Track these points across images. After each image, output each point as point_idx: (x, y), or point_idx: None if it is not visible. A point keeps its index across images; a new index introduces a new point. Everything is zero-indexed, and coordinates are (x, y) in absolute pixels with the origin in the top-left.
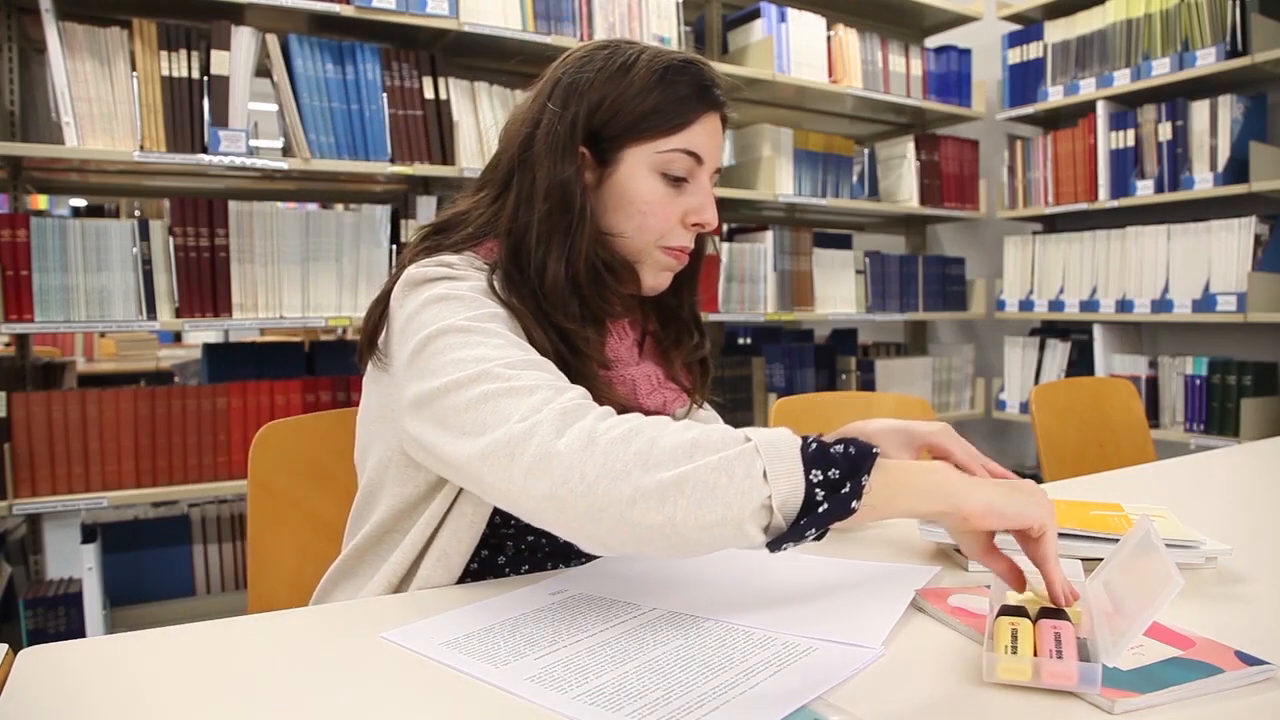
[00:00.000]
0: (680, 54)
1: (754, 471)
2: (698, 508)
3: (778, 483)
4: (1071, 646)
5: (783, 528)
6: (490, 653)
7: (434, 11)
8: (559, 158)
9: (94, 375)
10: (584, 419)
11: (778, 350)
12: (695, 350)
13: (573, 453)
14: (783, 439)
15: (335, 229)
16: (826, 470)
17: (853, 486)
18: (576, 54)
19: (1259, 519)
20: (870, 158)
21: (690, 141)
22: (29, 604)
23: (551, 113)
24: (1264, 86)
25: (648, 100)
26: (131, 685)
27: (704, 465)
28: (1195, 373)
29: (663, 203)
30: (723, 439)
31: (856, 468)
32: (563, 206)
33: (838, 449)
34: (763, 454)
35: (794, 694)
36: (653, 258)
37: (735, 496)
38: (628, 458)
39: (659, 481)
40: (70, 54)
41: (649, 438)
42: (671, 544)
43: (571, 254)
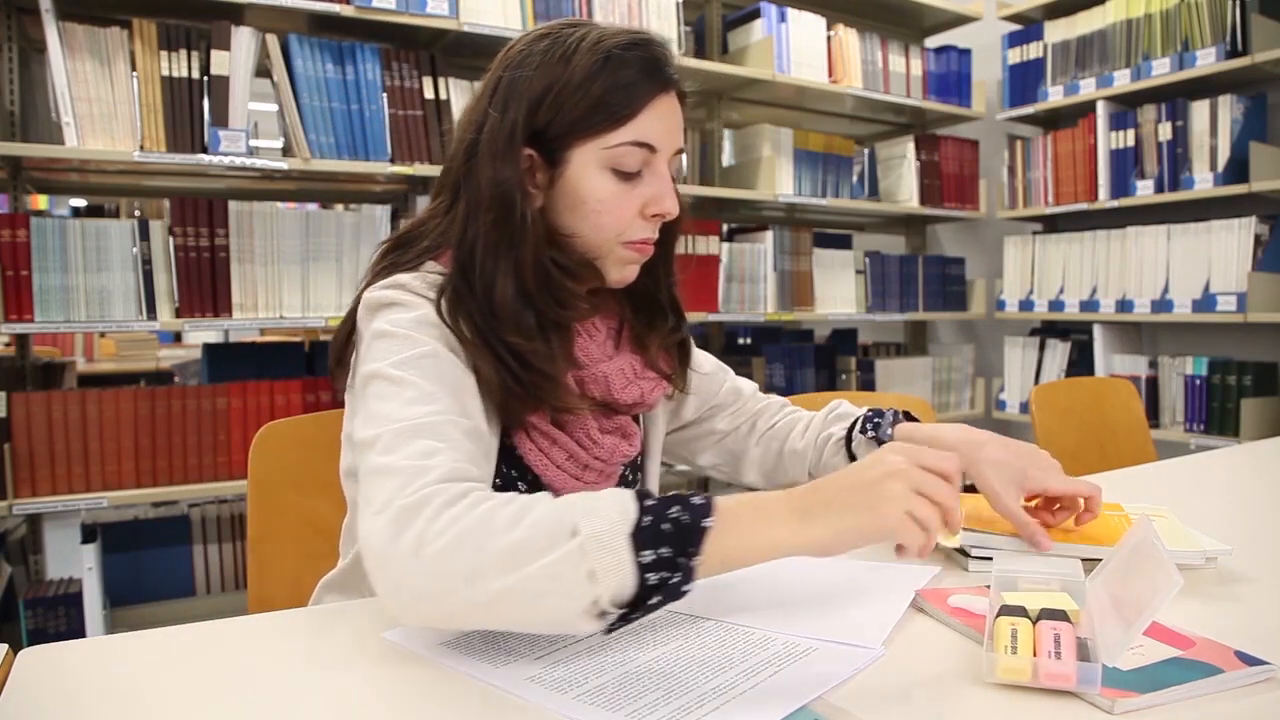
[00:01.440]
0: (626, 33)
1: (580, 574)
2: (526, 615)
3: (606, 579)
4: (1071, 646)
5: (615, 615)
6: (490, 653)
7: (434, 11)
8: (499, 165)
9: (94, 375)
10: (417, 520)
11: (778, 350)
12: (671, 334)
13: (402, 562)
14: (611, 529)
15: (335, 229)
16: (658, 548)
17: (683, 574)
18: (518, 47)
19: (1259, 519)
20: (870, 158)
21: (640, 131)
22: (29, 604)
23: (493, 117)
24: (1264, 86)
25: (590, 93)
26: (131, 685)
27: (529, 574)
28: (1195, 373)
29: (617, 199)
30: (551, 537)
31: (686, 541)
32: (504, 216)
33: (667, 524)
34: (589, 553)
35: (794, 694)
36: (614, 254)
37: (563, 601)
38: (452, 572)
39: (485, 596)
40: (70, 54)
41: (474, 545)
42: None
43: (519, 265)
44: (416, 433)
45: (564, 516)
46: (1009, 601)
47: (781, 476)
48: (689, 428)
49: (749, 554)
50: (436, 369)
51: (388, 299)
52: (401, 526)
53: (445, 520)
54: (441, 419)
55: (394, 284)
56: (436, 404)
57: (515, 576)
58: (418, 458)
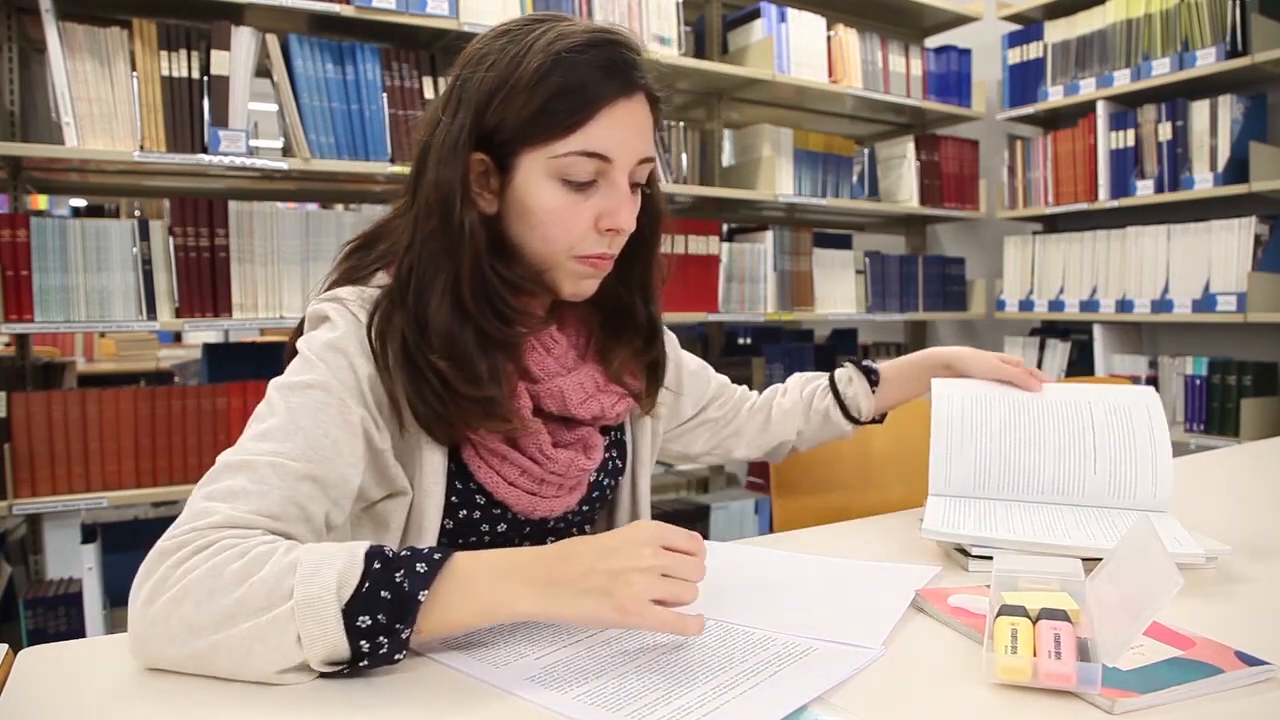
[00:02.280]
0: (586, 32)
1: (287, 639)
2: (236, 668)
3: (313, 646)
4: (1071, 646)
5: (330, 670)
6: (490, 653)
7: (434, 11)
8: (442, 168)
9: (94, 375)
10: (160, 567)
11: (778, 350)
12: (643, 351)
13: (137, 610)
14: (323, 595)
15: (335, 229)
16: (375, 614)
17: (393, 642)
18: (478, 45)
19: (1259, 519)
20: (870, 158)
21: (590, 140)
22: (29, 604)
23: (444, 118)
24: (1264, 86)
25: (536, 97)
26: (131, 685)
27: (238, 633)
28: (1195, 373)
29: (565, 211)
30: (268, 597)
31: (402, 613)
32: (443, 223)
33: (387, 591)
34: (298, 617)
35: (794, 694)
36: (565, 267)
37: (267, 662)
38: (173, 623)
39: (197, 649)
40: (70, 54)
41: (196, 599)
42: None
43: (457, 278)
44: (238, 470)
45: (285, 579)
46: (1009, 601)
47: (771, 441)
48: (687, 422)
49: (478, 620)
50: (309, 404)
51: (320, 314)
52: (149, 572)
53: (181, 570)
54: (274, 459)
55: (331, 298)
56: (286, 442)
57: (224, 634)
58: (214, 498)
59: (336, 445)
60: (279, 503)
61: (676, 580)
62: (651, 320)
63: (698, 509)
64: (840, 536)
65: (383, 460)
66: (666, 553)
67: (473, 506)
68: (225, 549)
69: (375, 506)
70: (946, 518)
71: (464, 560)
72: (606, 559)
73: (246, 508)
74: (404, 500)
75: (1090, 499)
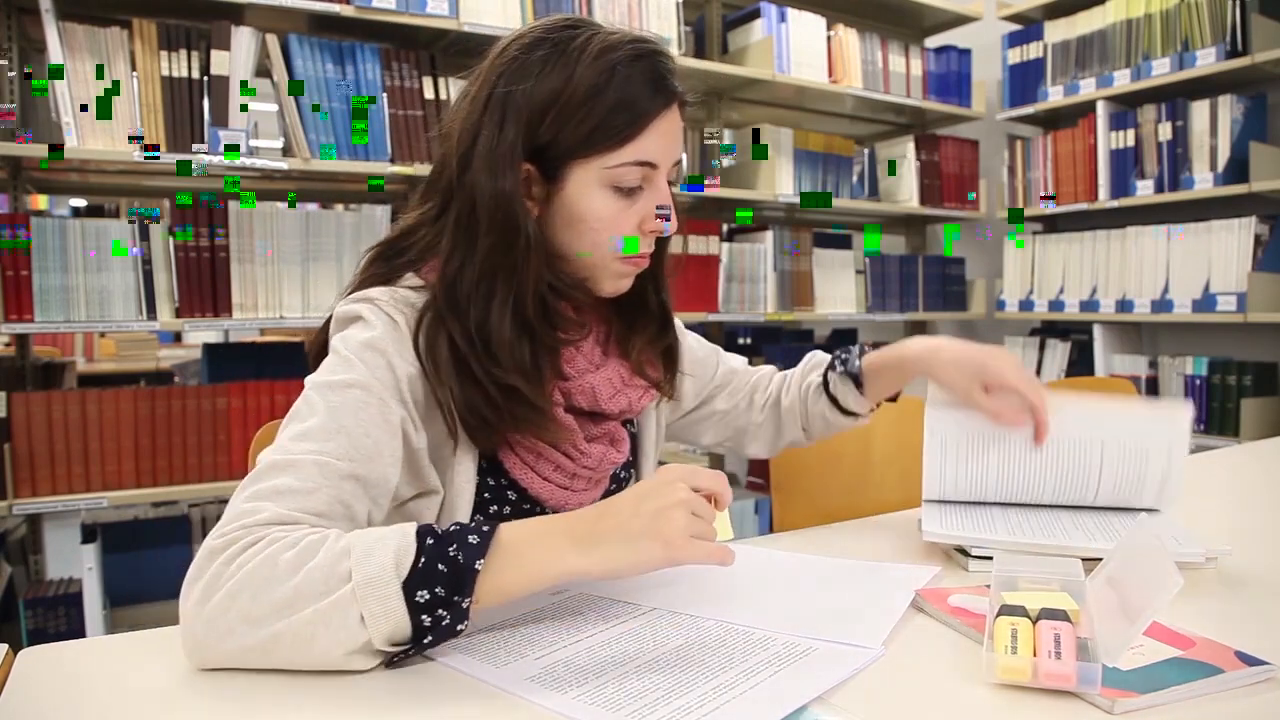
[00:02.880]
0: (629, 42)
1: (349, 620)
2: (301, 655)
3: (376, 624)
4: (1071, 646)
5: (395, 652)
6: (490, 653)
7: (434, 11)
8: (499, 180)
9: (94, 375)
10: (211, 566)
11: (778, 350)
12: (657, 339)
13: (190, 606)
14: (382, 574)
15: (335, 229)
16: (433, 588)
17: (454, 613)
18: (512, 52)
19: (1259, 519)
20: (870, 158)
21: (643, 150)
22: (29, 604)
23: (489, 128)
24: (1264, 86)
25: (594, 111)
26: (131, 685)
27: (300, 619)
28: (1195, 373)
29: (615, 216)
30: (326, 582)
31: (459, 582)
32: (508, 237)
33: (443, 564)
34: (359, 597)
35: (794, 694)
36: (610, 269)
37: (333, 645)
38: (232, 617)
39: (258, 640)
40: (70, 54)
41: (253, 591)
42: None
43: (519, 293)
44: (283, 469)
45: (340, 562)
46: (1009, 601)
47: (782, 440)
48: (691, 413)
49: (531, 584)
50: (349, 403)
51: (353, 314)
52: (200, 570)
53: (235, 566)
54: (319, 458)
55: (363, 298)
56: (329, 441)
57: (286, 621)
58: (259, 497)
59: (378, 445)
60: (325, 501)
61: (702, 519)
62: (663, 307)
63: None
64: (840, 536)
65: (417, 460)
66: (692, 494)
67: (504, 502)
68: (275, 541)
69: (406, 505)
70: (945, 520)
71: (509, 530)
72: (644, 502)
73: (292, 505)
74: (435, 499)
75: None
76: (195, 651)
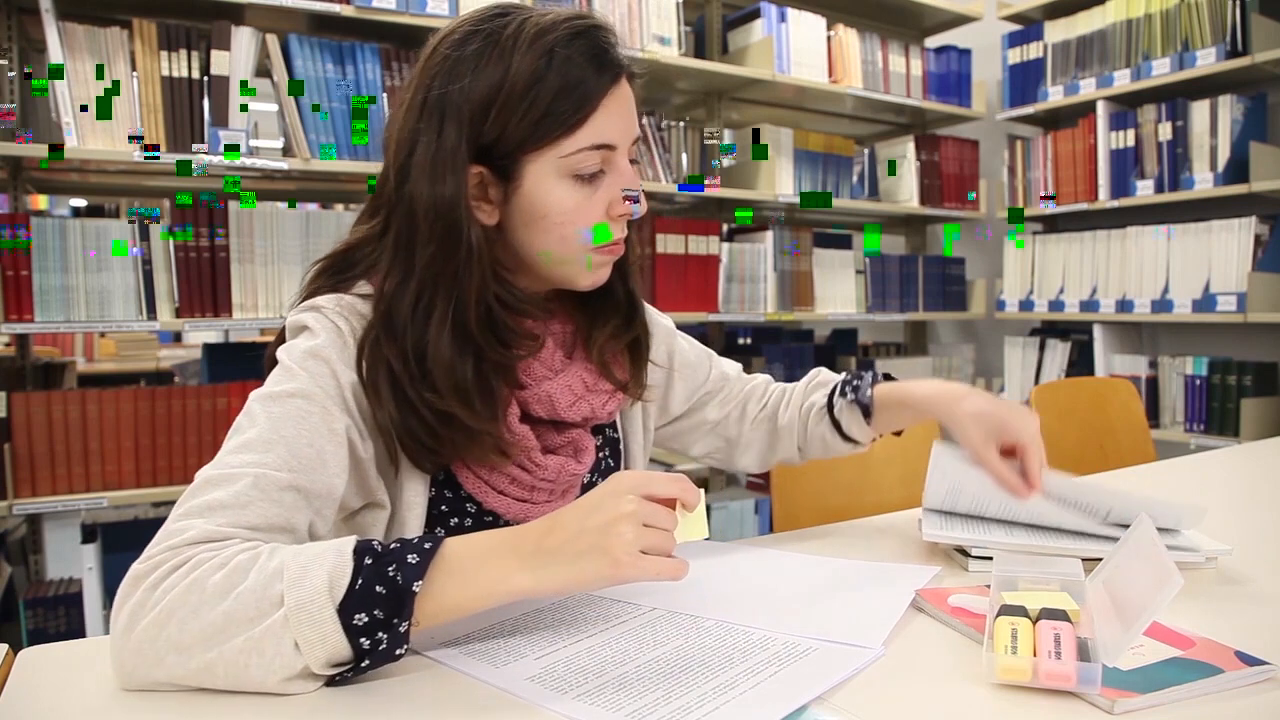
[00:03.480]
0: (565, 20)
1: (284, 647)
2: (236, 682)
3: (313, 650)
4: (1071, 647)
5: (336, 674)
6: (490, 653)
7: (434, 11)
8: (437, 187)
9: (94, 375)
10: (136, 592)
11: (778, 350)
12: (623, 330)
13: (117, 637)
14: (316, 598)
15: (335, 229)
16: (370, 611)
17: (392, 637)
18: (444, 50)
19: (1259, 519)
20: (870, 158)
21: (598, 133)
22: (29, 604)
23: (427, 136)
24: (1264, 86)
25: (539, 99)
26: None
27: (232, 648)
28: (1195, 373)
29: (580, 207)
30: (258, 607)
31: (398, 606)
32: (449, 246)
33: (381, 586)
34: (292, 624)
35: (794, 694)
36: (582, 261)
37: (268, 673)
38: (159, 646)
39: (189, 670)
40: (70, 54)
41: (180, 619)
42: None
43: (460, 305)
44: (216, 484)
45: (272, 585)
46: (1009, 601)
47: (775, 456)
48: (681, 420)
49: (476, 605)
50: (291, 412)
51: (299, 324)
52: (125, 597)
53: (160, 591)
54: (256, 470)
55: (310, 307)
56: (268, 452)
57: (218, 651)
58: (190, 514)
59: (321, 454)
60: (260, 515)
61: (657, 529)
62: (630, 296)
63: None
64: (840, 536)
65: (363, 470)
66: (646, 501)
67: (463, 515)
68: (202, 563)
69: (355, 517)
70: (945, 521)
71: (454, 545)
72: (591, 516)
73: (223, 521)
74: (382, 514)
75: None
76: (126, 679)
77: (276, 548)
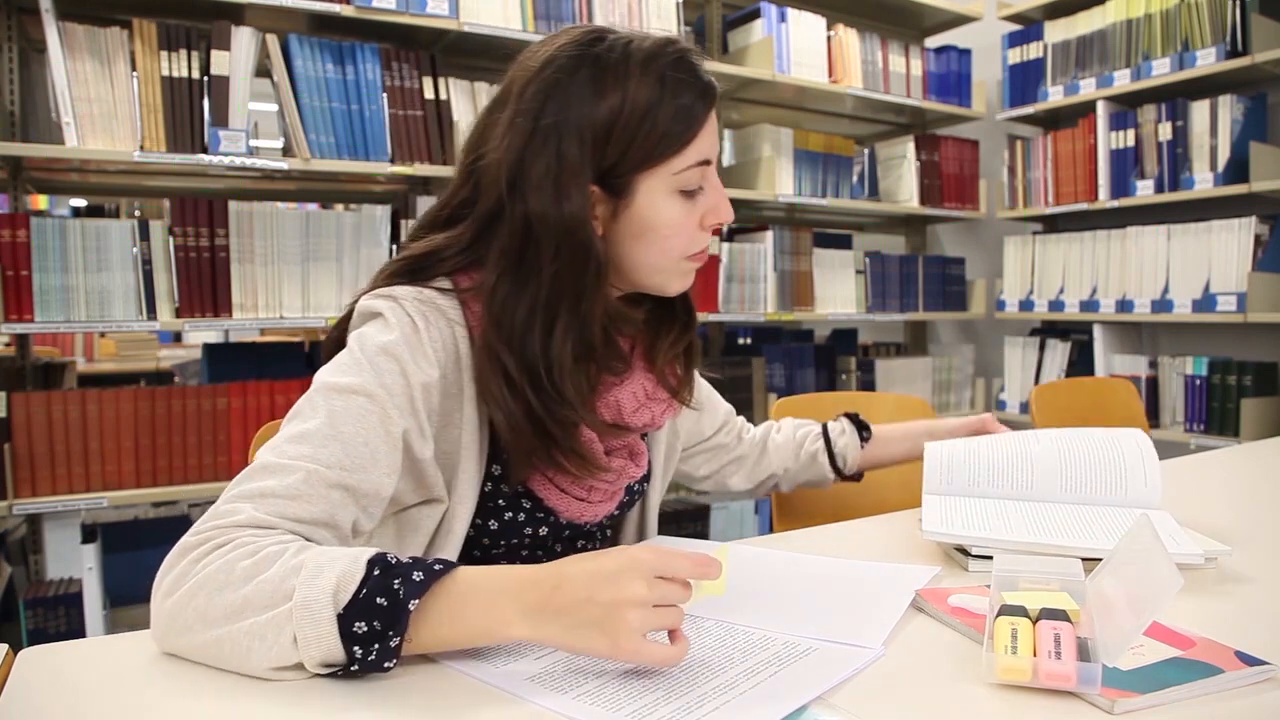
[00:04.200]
0: (666, 43)
1: (283, 639)
2: (239, 663)
3: (308, 649)
4: (1071, 647)
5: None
6: (490, 653)
7: (434, 11)
8: (565, 207)
9: (94, 375)
10: (182, 561)
11: (778, 350)
12: (680, 337)
13: (157, 601)
14: (320, 599)
15: (335, 229)
16: (370, 621)
17: (383, 650)
18: (549, 73)
19: (1259, 519)
20: (870, 158)
21: (700, 150)
22: (29, 604)
23: (545, 156)
24: (1264, 86)
25: (657, 123)
26: (131, 685)
27: (240, 629)
28: (1195, 373)
29: (684, 219)
30: (272, 597)
31: (394, 621)
32: (576, 266)
33: (383, 598)
34: (295, 619)
35: (794, 694)
36: (677, 270)
37: (266, 660)
38: (189, 614)
39: (207, 640)
40: (70, 54)
41: (208, 593)
42: None
43: (586, 318)
44: (272, 472)
45: (288, 580)
46: (1009, 601)
47: (764, 473)
48: (703, 441)
49: (469, 641)
50: (352, 410)
51: (374, 309)
52: (170, 566)
53: (200, 565)
54: (309, 465)
55: (388, 294)
56: (323, 448)
57: (230, 628)
58: (242, 497)
59: (375, 455)
60: (305, 509)
61: (667, 609)
62: (686, 302)
63: (698, 509)
64: (840, 536)
65: (421, 469)
66: (660, 583)
67: (518, 509)
68: (240, 547)
69: (408, 511)
70: (946, 516)
71: (465, 575)
72: (603, 589)
73: (271, 510)
74: (439, 507)
75: (1083, 495)
76: (159, 641)
77: (305, 545)
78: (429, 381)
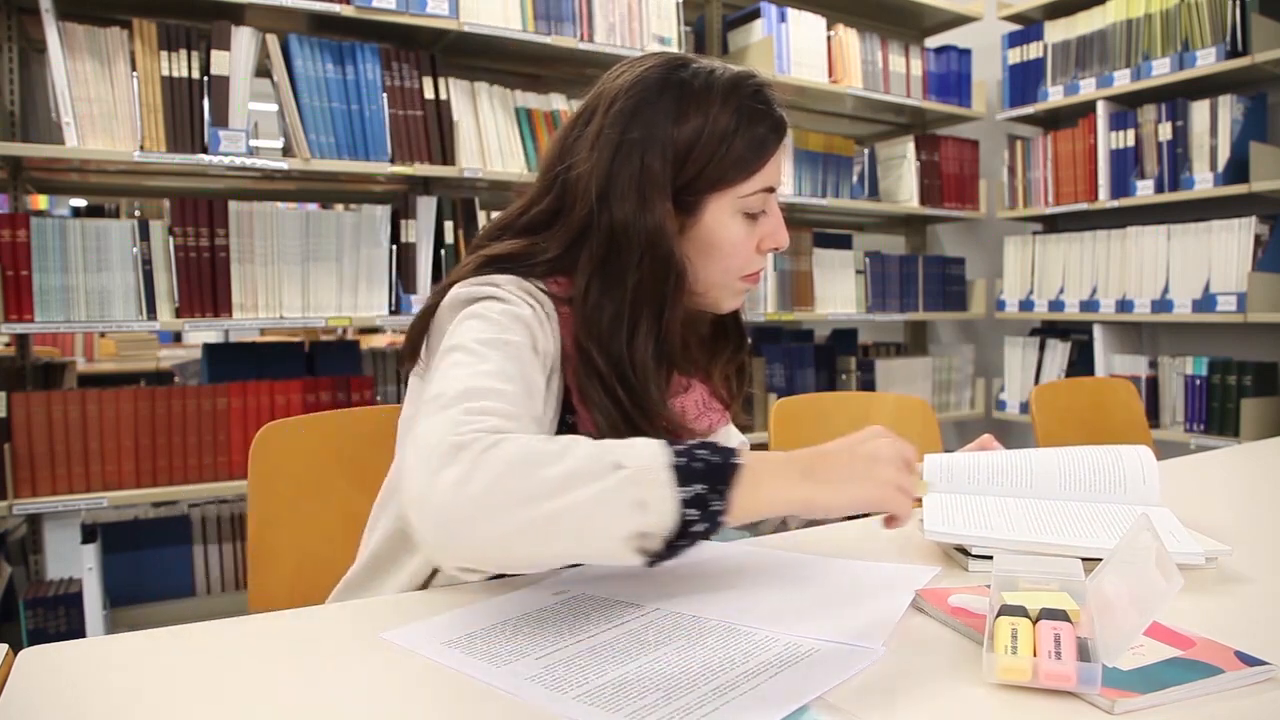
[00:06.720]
0: (744, 76)
1: (628, 502)
2: (575, 540)
3: (653, 509)
4: (1071, 646)
5: (658, 548)
6: (491, 653)
7: (434, 11)
8: (650, 218)
9: (94, 375)
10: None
11: (778, 350)
12: (735, 355)
13: (445, 490)
14: (654, 463)
15: (335, 229)
16: (695, 484)
17: (721, 508)
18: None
19: (1259, 519)
20: (870, 158)
21: (767, 177)
22: (29, 604)
23: (630, 169)
24: (1264, 86)
25: (733, 148)
26: (131, 685)
27: (581, 498)
28: (1195, 373)
29: (745, 241)
30: (597, 469)
31: (719, 479)
32: (659, 271)
33: (699, 464)
34: (638, 483)
35: (794, 694)
36: (732, 288)
37: (611, 528)
38: (507, 495)
39: (531, 519)
40: (70, 54)
41: (524, 473)
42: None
43: (668, 323)
44: (481, 395)
45: (605, 453)
46: (1009, 601)
47: None
48: None
49: (764, 506)
50: (517, 358)
51: (482, 292)
52: (448, 458)
53: (492, 455)
54: (511, 391)
55: (488, 281)
56: (508, 384)
57: (567, 500)
58: (475, 413)
59: (541, 394)
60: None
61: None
62: (738, 322)
63: None
64: (840, 536)
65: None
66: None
67: None
68: (520, 438)
69: None
70: (946, 516)
71: (745, 452)
72: (859, 448)
73: (509, 419)
74: None
75: (1083, 494)
76: (456, 534)
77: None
78: (549, 351)
